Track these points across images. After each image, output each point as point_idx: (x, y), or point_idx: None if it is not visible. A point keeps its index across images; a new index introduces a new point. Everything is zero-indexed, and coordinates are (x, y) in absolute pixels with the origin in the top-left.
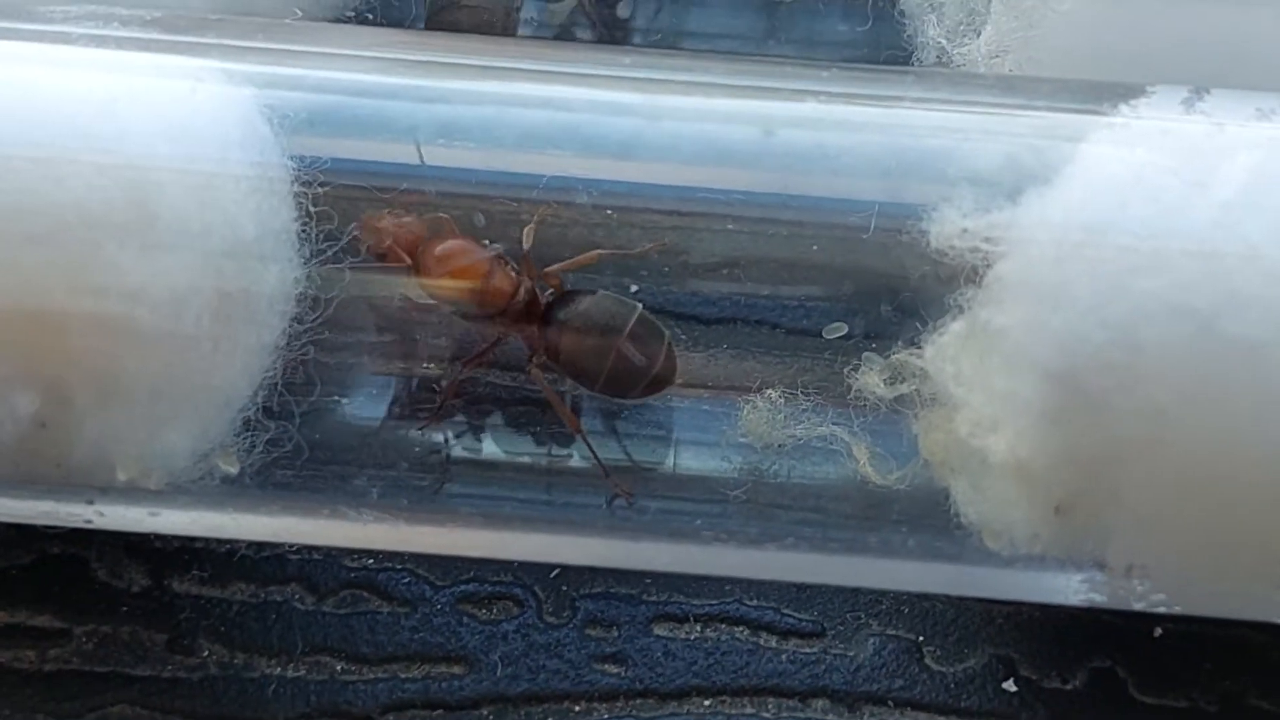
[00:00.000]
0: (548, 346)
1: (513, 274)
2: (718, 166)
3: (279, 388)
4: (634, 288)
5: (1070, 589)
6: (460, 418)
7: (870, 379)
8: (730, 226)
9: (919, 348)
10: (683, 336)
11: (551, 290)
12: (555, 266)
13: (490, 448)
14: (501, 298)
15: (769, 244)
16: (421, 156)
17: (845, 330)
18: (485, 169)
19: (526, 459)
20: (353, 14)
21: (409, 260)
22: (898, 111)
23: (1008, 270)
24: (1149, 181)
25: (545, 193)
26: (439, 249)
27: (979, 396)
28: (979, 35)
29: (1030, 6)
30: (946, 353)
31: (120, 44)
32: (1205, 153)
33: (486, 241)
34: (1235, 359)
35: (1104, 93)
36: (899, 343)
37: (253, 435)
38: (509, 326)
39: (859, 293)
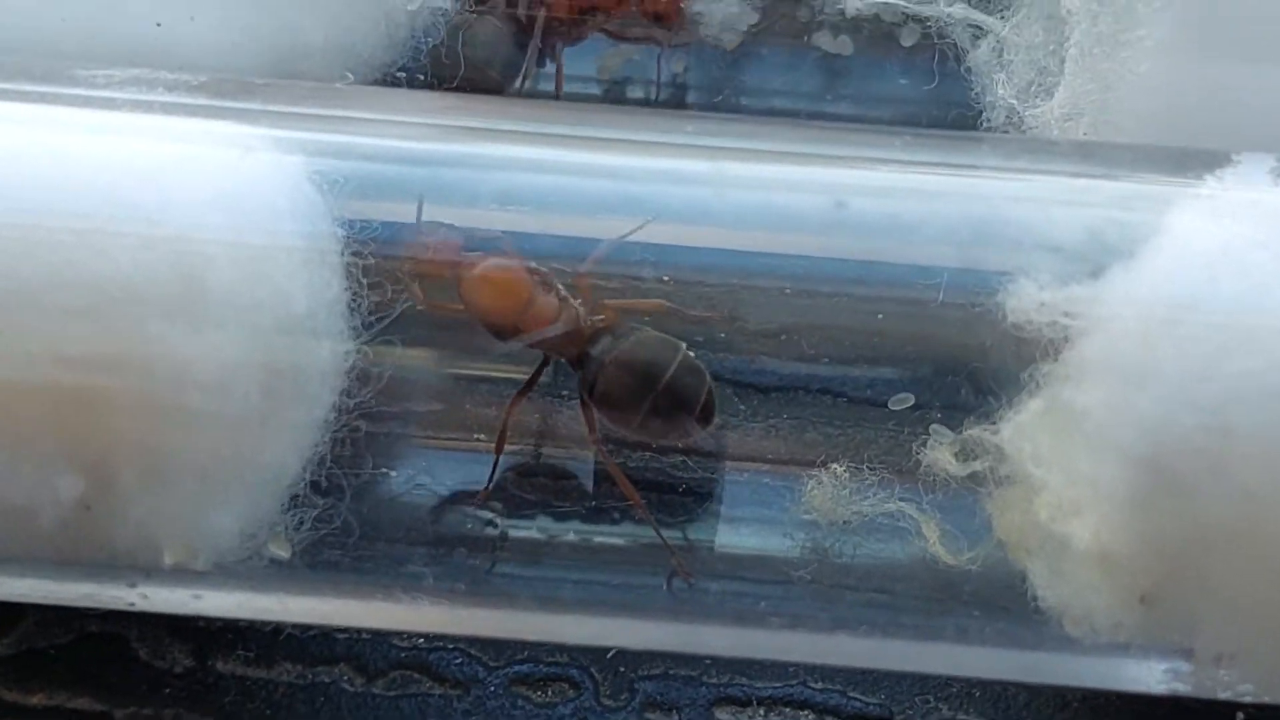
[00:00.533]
0: (586, 379)
1: (558, 299)
2: (787, 237)
3: (328, 464)
4: (693, 353)
5: (1153, 678)
6: (514, 492)
7: (940, 454)
8: (797, 295)
9: (993, 423)
10: (742, 406)
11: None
12: (615, 302)
13: (545, 525)
14: (541, 321)
15: (836, 313)
16: (420, 213)
17: (913, 401)
18: (545, 235)
19: (581, 538)
20: (402, 73)
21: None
22: (972, 180)
23: (1090, 348)
24: (1239, 255)
25: (608, 262)
26: (481, 266)
27: (1059, 479)
28: (1051, 96)
29: (1106, 68)
30: (1025, 431)
31: (166, 109)
32: None
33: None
34: None
35: (1188, 161)
36: (970, 416)
37: (301, 513)
38: (550, 350)
39: (928, 364)
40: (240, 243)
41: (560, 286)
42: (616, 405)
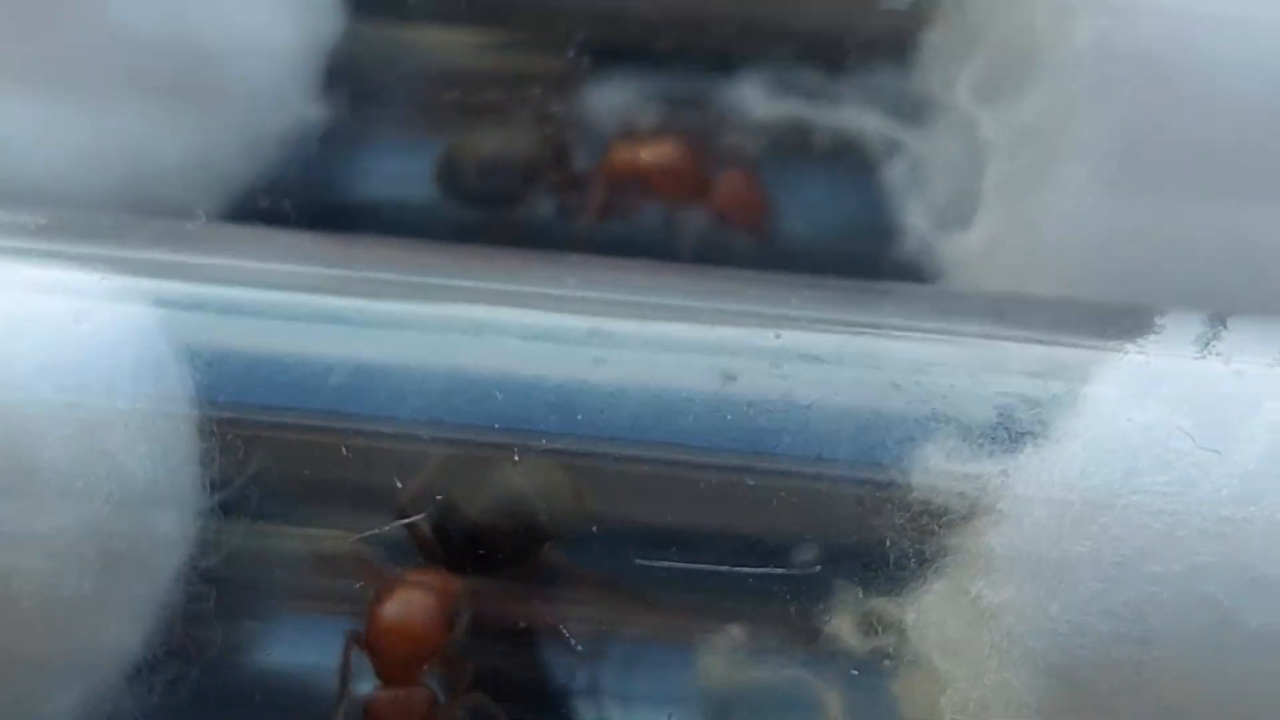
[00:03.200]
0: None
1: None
2: (671, 416)
3: (177, 634)
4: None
5: None
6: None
7: (843, 624)
8: (682, 469)
9: (899, 597)
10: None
11: None
12: None
13: None
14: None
15: (727, 488)
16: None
17: (815, 565)
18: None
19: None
20: (267, 204)
21: None
22: (877, 343)
23: (999, 538)
24: (1161, 444)
25: (465, 433)
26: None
27: (966, 675)
28: (969, 227)
29: (1026, 205)
30: (930, 615)
31: None
32: (1225, 408)
33: None
34: (1259, 655)
35: (1110, 324)
36: (876, 587)
37: (149, 684)
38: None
39: (830, 531)
40: (74, 414)
41: None
42: None
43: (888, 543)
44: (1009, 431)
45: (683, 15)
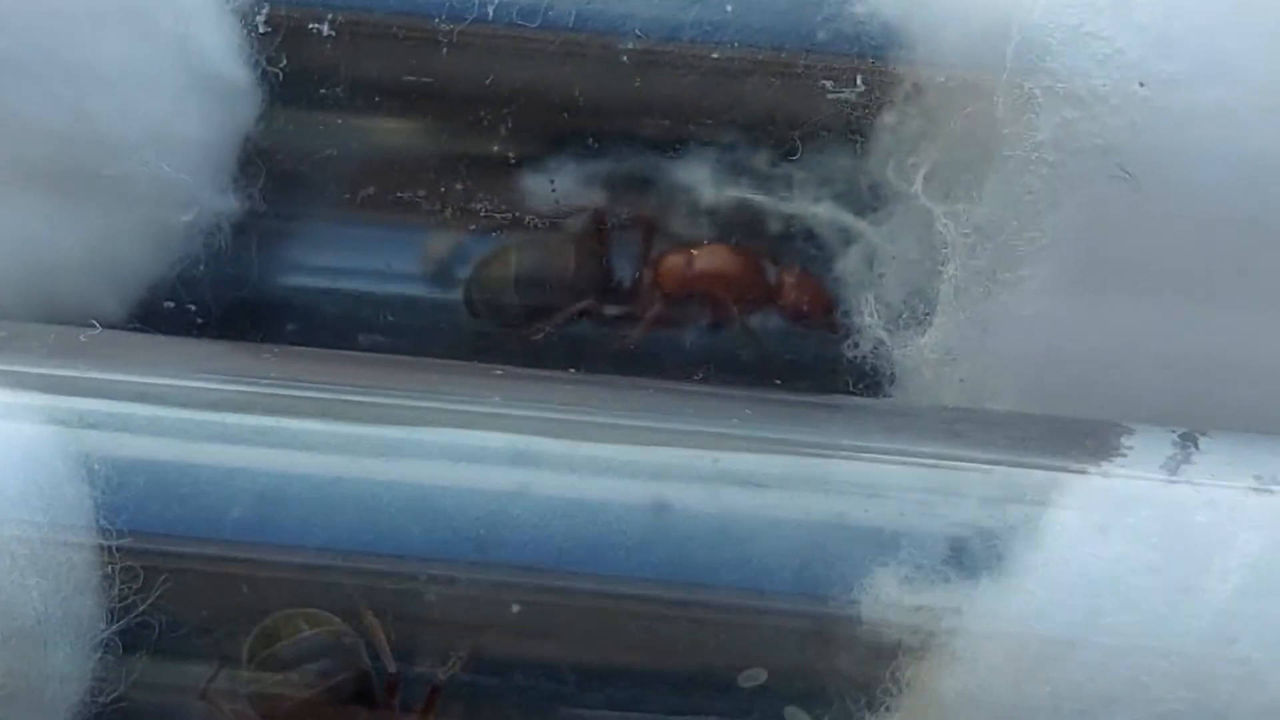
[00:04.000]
0: None
1: None
2: (600, 550)
3: None
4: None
5: None
6: None
7: None
8: (614, 608)
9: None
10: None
11: None
12: None
13: None
14: None
15: (663, 622)
16: None
17: (764, 678)
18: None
19: None
20: (171, 304)
21: None
22: (823, 464)
23: (953, 681)
24: (1127, 580)
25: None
26: None
27: None
28: (924, 329)
29: (984, 308)
30: None
31: None
32: (1195, 540)
33: None
34: None
35: (1072, 443)
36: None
37: None
38: None
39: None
40: None
41: None
42: None
43: (833, 683)
44: (964, 563)
45: (628, 97)
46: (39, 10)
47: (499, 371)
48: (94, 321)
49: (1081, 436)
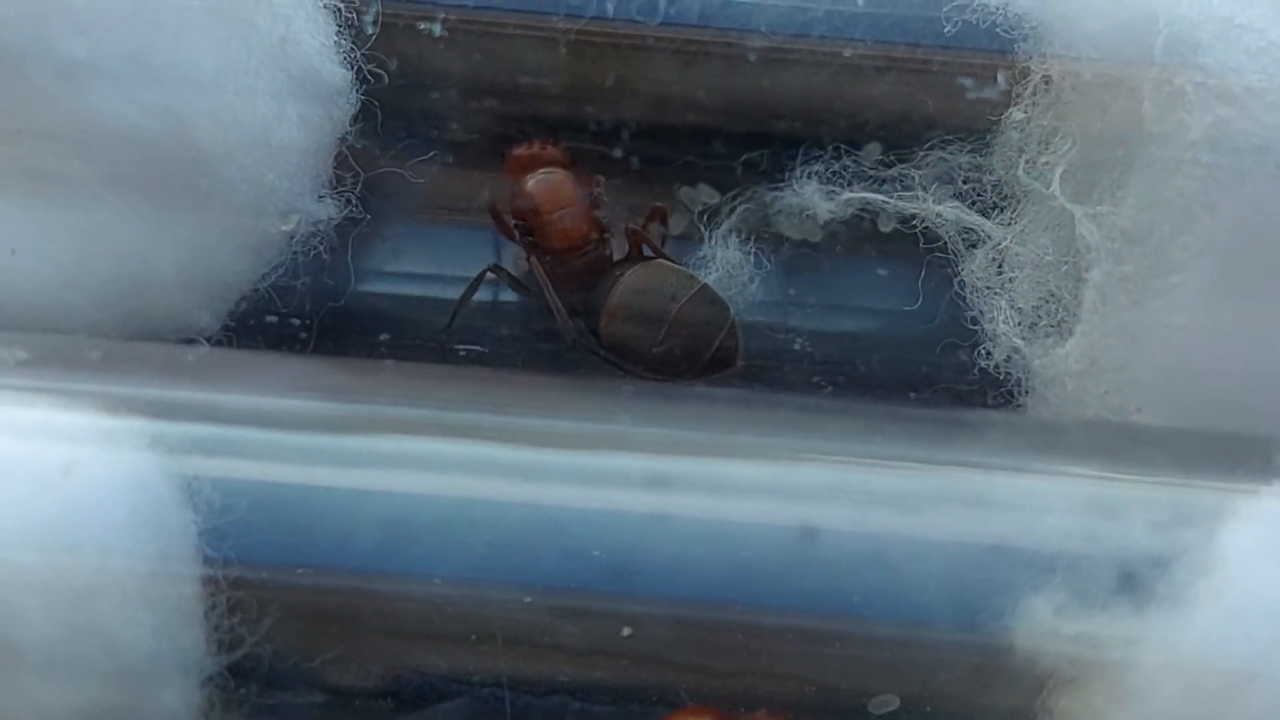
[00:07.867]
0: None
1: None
2: (748, 576)
3: None
4: None
5: None
6: None
7: None
8: (759, 638)
9: None
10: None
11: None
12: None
13: None
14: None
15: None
16: None
17: (897, 704)
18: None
19: None
20: (274, 318)
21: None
22: (972, 483)
23: (1125, 718)
24: None
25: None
26: None
27: None
28: (1064, 337)
29: (1132, 318)
30: None
31: None
32: None
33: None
34: None
35: (1235, 459)
36: None
37: None
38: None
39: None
40: (60, 586)
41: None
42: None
43: (977, 712)
44: (1131, 590)
45: (752, 100)
46: (126, 13)
47: (629, 388)
48: (201, 339)
49: (1243, 454)
